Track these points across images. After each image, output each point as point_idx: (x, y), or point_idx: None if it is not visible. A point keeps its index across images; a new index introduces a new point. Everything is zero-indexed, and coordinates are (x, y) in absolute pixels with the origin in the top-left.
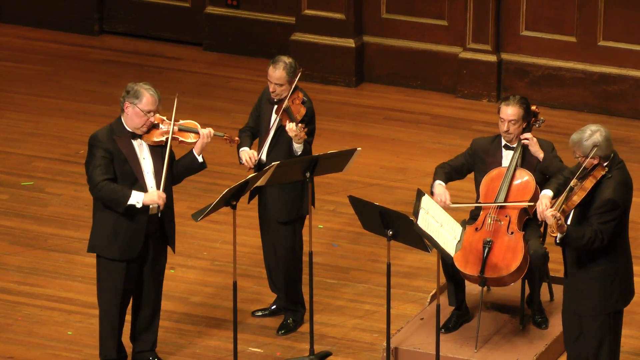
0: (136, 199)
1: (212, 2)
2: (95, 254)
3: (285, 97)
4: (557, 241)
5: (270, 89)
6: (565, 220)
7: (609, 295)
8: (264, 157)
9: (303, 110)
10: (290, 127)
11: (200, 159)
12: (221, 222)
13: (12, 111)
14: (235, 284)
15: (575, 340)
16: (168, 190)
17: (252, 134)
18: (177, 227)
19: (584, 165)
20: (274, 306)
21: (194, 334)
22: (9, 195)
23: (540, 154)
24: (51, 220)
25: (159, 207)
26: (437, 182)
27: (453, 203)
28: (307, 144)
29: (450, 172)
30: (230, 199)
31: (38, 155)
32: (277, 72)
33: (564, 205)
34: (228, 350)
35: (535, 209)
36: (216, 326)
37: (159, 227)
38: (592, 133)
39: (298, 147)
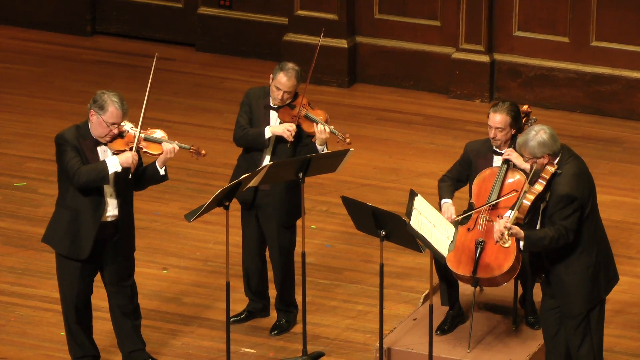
0: (114, 165)
1: (204, 3)
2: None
3: (288, 102)
4: (521, 248)
5: (278, 96)
6: (534, 227)
7: (592, 288)
8: (267, 162)
9: (326, 113)
10: (323, 129)
11: (162, 172)
12: (214, 223)
13: (5, 112)
14: (228, 284)
15: (555, 335)
16: (129, 196)
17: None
18: (170, 228)
19: (535, 168)
20: (247, 310)
21: (186, 335)
22: (2, 196)
23: (524, 166)
24: (44, 221)
25: (131, 170)
26: (444, 200)
27: (457, 215)
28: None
29: (454, 185)
30: (223, 200)
31: (30, 156)
32: (290, 81)
33: (516, 213)
34: (221, 351)
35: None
36: (209, 327)
37: (115, 232)
38: (536, 133)
39: (321, 149)
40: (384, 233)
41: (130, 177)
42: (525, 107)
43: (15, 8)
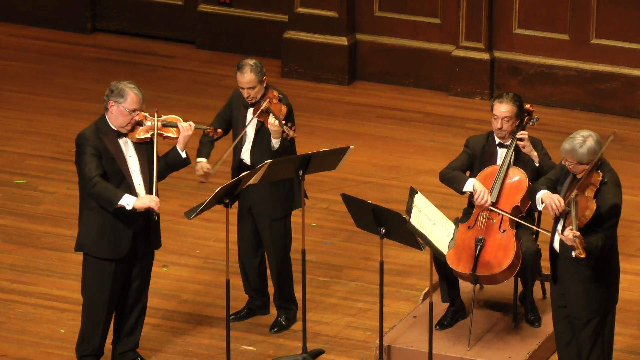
0: (127, 201)
1: (205, 0)
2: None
3: (261, 98)
4: (573, 256)
5: (245, 95)
6: (557, 224)
7: (604, 297)
8: (247, 158)
9: (284, 109)
10: (272, 121)
11: (183, 155)
12: (214, 220)
13: (5, 109)
14: (228, 281)
15: (568, 343)
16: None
17: (214, 139)
18: (170, 225)
19: (582, 175)
20: (247, 308)
21: (186, 332)
22: (2, 194)
23: (533, 153)
24: (44, 218)
25: (154, 212)
26: (472, 179)
27: (494, 209)
28: (287, 140)
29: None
30: (223, 197)
31: (31, 153)
32: (246, 77)
33: (577, 222)
34: (221, 348)
35: (529, 207)
36: (209, 324)
37: (144, 226)
38: (585, 139)
39: (276, 142)
40: (384, 230)
41: (155, 218)
42: (527, 106)
43: (16, 5)
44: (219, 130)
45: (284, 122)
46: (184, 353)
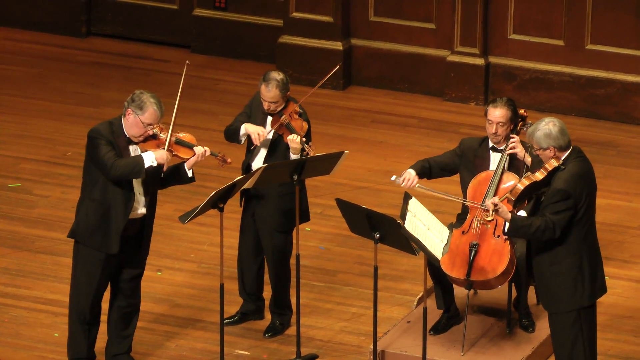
0: (150, 160)
1: (200, 5)
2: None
3: (281, 110)
4: (505, 230)
5: (265, 107)
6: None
7: (574, 291)
8: (259, 165)
9: (305, 126)
10: (293, 138)
11: (190, 174)
12: (208, 225)
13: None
14: (222, 286)
15: (563, 344)
16: (155, 195)
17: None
18: (164, 230)
19: (526, 152)
20: (241, 312)
21: (180, 337)
22: None
23: (527, 159)
24: (38, 222)
25: (162, 169)
26: (409, 169)
27: (418, 186)
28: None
29: (431, 167)
30: (218, 202)
31: (25, 157)
32: (271, 92)
33: (508, 194)
34: (215, 353)
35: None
36: (203, 328)
37: (139, 229)
38: (546, 124)
39: (293, 157)
40: (378, 235)
41: (162, 175)
42: (521, 112)
43: (11, 9)
44: (229, 160)
45: (304, 140)
46: (178, 358)
